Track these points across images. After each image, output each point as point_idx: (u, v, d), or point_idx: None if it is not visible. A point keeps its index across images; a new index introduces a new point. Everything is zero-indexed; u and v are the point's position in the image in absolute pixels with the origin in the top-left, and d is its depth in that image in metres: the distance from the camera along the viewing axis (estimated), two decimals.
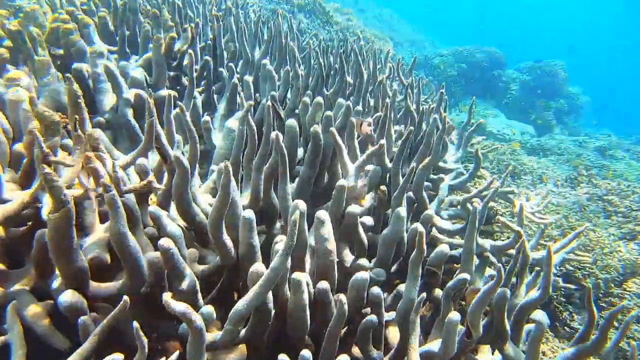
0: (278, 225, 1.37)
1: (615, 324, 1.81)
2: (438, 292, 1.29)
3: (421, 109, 1.97)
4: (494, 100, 8.80)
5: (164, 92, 1.81)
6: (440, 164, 1.98)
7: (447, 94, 7.81)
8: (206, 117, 1.63)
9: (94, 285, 0.82)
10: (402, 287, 1.23)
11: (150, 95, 1.67)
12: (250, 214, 0.94)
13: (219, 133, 1.85)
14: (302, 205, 0.96)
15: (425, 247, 0.93)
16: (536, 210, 1.73)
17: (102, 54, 1.49)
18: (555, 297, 1.76)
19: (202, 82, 2.14)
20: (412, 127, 1.30)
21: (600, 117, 11.02)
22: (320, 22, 4.42)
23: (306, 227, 1.01)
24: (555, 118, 8.35)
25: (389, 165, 1.42)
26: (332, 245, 1.00)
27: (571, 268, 1.82)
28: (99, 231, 0.91)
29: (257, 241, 0.99)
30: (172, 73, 1.98)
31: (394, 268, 1.38)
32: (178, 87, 2.07)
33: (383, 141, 1.23)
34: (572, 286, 1.74)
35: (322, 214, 0.99)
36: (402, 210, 1.11)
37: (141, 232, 0.93)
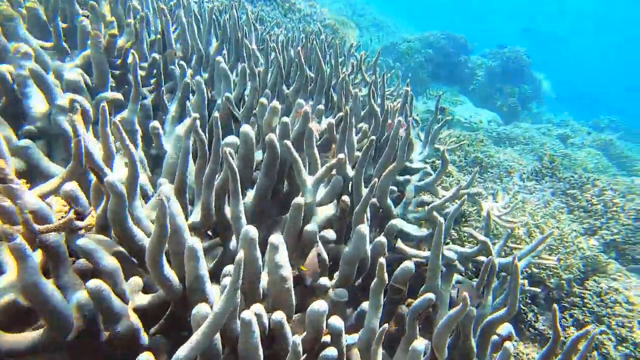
0: (234, 241, 1.29)
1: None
2: (404, 307, 1.25)
3: (386, 106, 1.91)
4: (461, 86, 8.91)
5: (109, 94, 1.67)
6: (407, 163, 1.94)
7: (415, 81, 7.84)
8: (154, 123, 1.51)
9: (5, 338, 0.72)
10: (365, 305, 1.18)
11: (95, 99, 1.54)
12: (195, 243, 0.86)
13: (171, 137, 1.74)
14: (252, 232, 0.88)
15: (386, 275, 0.88)
16: (503, 213, 1.72)
17: (28, 53, 1.34)
18: (520, 299, 1.77)
19: (152, 80, 2.01)
20: (373, 137, 1.23)
21: (560, 101, 11.39)
22: (282, 10, 4.27)
23: (259, 254, 0.94)
24: (520, 104, 8.55)
25: (351, 174, 1.36)
26: (287, 272, 0.94)
27: (536, 270, 1.84)
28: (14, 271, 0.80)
29: (204, 271, 0.91)
30: (117, 72, 1.84)
31: (357, 282, 1.33)
32: (126, 86, 1.93)
33: (342, 155, 1.17)
34: (538, 289, 1.76)
35: (276, 239, 0.92)
36: (364, 228, 1.05)
37: (67, 269, 0.83)
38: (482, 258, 1.45)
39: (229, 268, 0.97)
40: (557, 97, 10.34)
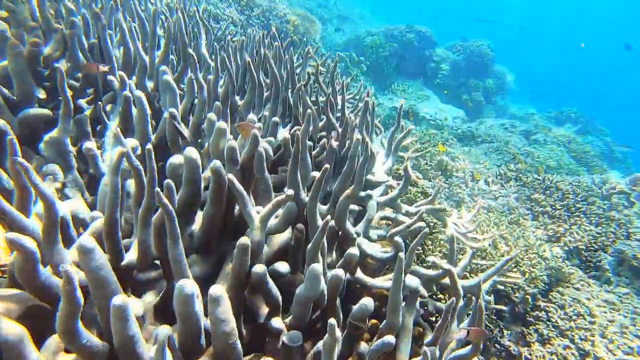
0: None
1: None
2: (363, 345, 1.19)
3: (346, 117, 1.84)
4: (426, 80, 8.99)
5: (33, 111, 1.52)
6: (369, 176, 1.88)
7: (380, 75, 7.81)
8: (87, 144, 1.38)
9: None
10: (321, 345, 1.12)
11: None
12: (123, 301, 0.76)
13: (110, 154, 1.61)
14: (187, 289, 0.79)
15: (338, 334, 0.81)
16: (469, 230, 1.69)
17: None
18: (486, 315, 1.76)
19: (89, 90, 1.86)
20: (327, 166, 1.15)
21: (523, 94, 11.71)
22: (239, 6, 4.11)
23: (198, 308, 0.85)
24: (485, 98, 8.72)
25: (306, 199, 1.28)
26: (230, 326, 0.85)
27: (501, 287, 1.83)
28: None
29: (135, 330, 0.81)
30: (46, 83, 1.68)
31: (316, 314, 1.26)
32: (60, 98, 1.77)
33: (291, 192, 1.08)
34: (504, 307, 1.75)
35: (216, 291, 0.83)
36: (318, 267, 0.98)
37: None
38: (446, 280, 1.41)
39: (164, 329, 0.87)
40: (521, 90, 10.63)
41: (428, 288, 1.45)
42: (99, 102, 1.67)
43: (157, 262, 1.26)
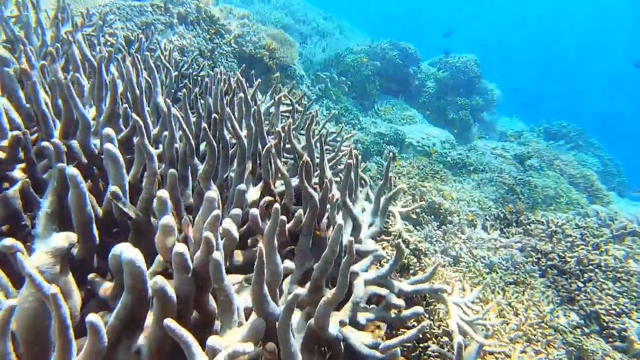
0: None
1: None
2: None
3: (325, 181, 1.64)
4: (410, 99, 8.92)
5: None
6: (356, 245, 1.68)
7: (362, 95, 7.70)
8: (5, 242, 1.14)
9: None
10: None
11: None
12: None
13: (42, 244, 1.38)
14: None
15: None
16: (474, 319, 1.49)
17: None
18: None
19: (20, 154, 1.63)
20: (298, 294, 0.94)
21: (511, 109, 11.75)
22: (208, 34, 3.87)
23: None
24: (472, 116, 8.66)
25: (278, 311, 1.07)
26: None
27: None
28: None
29: None
30: None
31: None
32: None
33: (260, 322, 0.87)
34: None
35: None
36: None
37: None
38: None
39: None
40: (507, 104, 10.63)
41: None
42: (36, 171, 1.44)
43: None
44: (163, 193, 1.30)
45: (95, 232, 1.33)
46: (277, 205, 1.18)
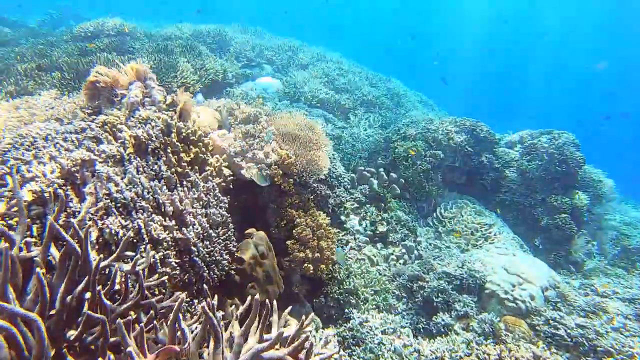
0: None
1: None
2: None
3: None
4: (484, 197, 7.07)
5: None
6: None
7: (419, 196, 5.99)
8: None
9: None
10: None
11: None
12: None
13: None
14: None
15: None
16: None
17: None
18: None
19: None
20: None
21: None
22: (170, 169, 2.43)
23: None
24: (574, 218, 6.61)
25: None
26: None
27: None
28: None
29: None
30: None
31: None
32: None
33: None
34: None
35: None
36: None
37: None
38: None
39: None
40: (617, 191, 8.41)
41: None
42: None
43: None
44: None
45: None
46: None
